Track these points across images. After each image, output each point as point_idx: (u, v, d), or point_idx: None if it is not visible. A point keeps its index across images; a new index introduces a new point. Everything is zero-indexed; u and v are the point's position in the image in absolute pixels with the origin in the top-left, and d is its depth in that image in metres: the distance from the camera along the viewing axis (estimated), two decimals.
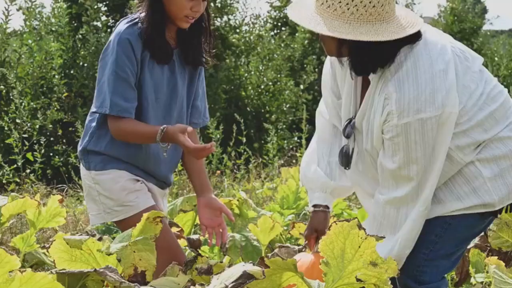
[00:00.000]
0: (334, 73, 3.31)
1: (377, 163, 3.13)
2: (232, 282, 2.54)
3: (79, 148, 3.74)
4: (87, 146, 3.67)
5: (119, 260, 3.02)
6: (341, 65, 3.18)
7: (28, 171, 8.02)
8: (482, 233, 4.26)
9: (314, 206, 3.44)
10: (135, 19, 3.57)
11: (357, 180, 3.31)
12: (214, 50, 3.77)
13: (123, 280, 2.77)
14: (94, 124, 3.69)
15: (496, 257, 3.36)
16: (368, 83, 3.10)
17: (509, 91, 9.67)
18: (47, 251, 4.27)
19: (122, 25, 3.57)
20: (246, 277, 2.57)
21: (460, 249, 3.24)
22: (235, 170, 9.25)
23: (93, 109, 3.61)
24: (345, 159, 3.25)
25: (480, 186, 3.08)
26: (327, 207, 3.44)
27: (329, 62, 3.34)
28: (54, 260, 3.27)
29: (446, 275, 3.47)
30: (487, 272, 3.80)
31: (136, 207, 3.61)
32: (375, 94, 3.04)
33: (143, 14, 3.55)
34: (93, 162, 3.66)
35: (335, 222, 2.75)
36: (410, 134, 2.93)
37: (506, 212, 3.17)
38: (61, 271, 2.88)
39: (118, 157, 3.65)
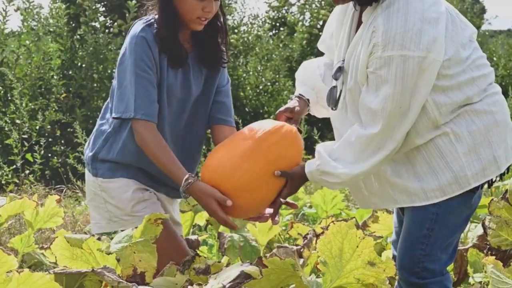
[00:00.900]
0: (333, 25, 3.43)
1: (356, 103, 3.17)
2: (230, 282, 2.54)
3: (87, 153, 3.63)
4: (99, 153, 3.57)
5: (118, 260, 3.01)
6: (342, 4, 3.25)
7: (27, 172, 8.02)
8: (481, 232, 4.28)
9: (299, 94, 3.55)
10: (150, 19, 3.48)
11: (337, 125, 3.35)
12: (230, 50, 3.72)
13: (121, 280, 2.76)
14: (107, 129, 3.58)
15: (495, 256, 3.37)
16: None
17: (508, 91, 9.61)
18: (46, 252, 4.27)
19: (137, 26, 3.47)
20: (244, 277, 2.57)
21: (455, 238, 3.25)
22: None
23: (115, 114, 3.46)
24: (333, 99, 3.30)
25: (455, 160, 3.10)
26: (309, 100, 3.54)
27: (334, 15, 3.45)
28: (55, 259, 3.27)
29: (448, 268, 3.50)
30: (485, 271, 3.80)
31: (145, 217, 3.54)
32: (364, 29, 3.10)
33: (157, 16, 3.47)
34: (101, 169, 3.57)
35: (333, 222, 2.75)
36: (391, 68, 2.96)
37: (481, 188, 3.18)
38: (59, 271, 2.88)
39: (129, 163, 3.55)
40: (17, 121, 8.64)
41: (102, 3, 12.71)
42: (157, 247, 3.42)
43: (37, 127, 9.06)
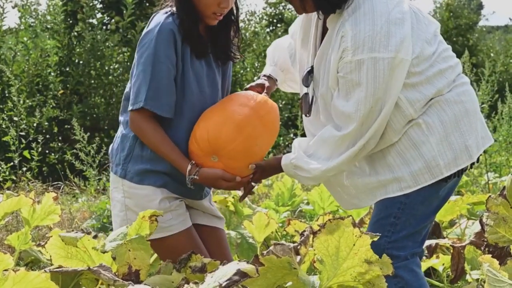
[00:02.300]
0: (298, 33, 3.52)
1: (329, 108, 3.22)
2: (226, 281, 2.53)
3: (118, 153, 3.53)
4: (132, 151, 3.48)
5: (114, 258, 3.01)
6: (306, 13, 3.30)
7: (24, 169, 8.00)
8: (479, 229, 4.28)
9: (268, 74, 3.72)
10: (170, 11, 3.44)
11: (311, 128, 3.41)
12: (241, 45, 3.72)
13: (116, 279, 2.76)
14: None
15: (492, 254, 3.36)
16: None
17: (505, 87, 9.58)
18: (43, 249, 4.26)
19: (160, 16, 3.42)
20: (240, 275, 2.56)
21: (424, 227, 3.27)
22: None
23: (130, 107, 3.41)
24: (306, 106, 3.37)
25: (427, 150, 3.14)
26: (277, 79, 3.72)
27: (298, 22, 3.54)
28: (50, 258, 3.26)
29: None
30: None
31: (169, 229, 3.47)
32: (333, 36, 3.14)
33: (174, 9, 3.43)
34: (131, 171, 3.46)
35: (329, 220, 2.75)
36: (362, 71, 3.01)
37: (455, 177, 3.21)
38: (55, 270, 2.87)
39: (159, 168, 3.46)
40: (15, 118, 8.61)
41: (100, 0, 12.70)
42: (178, 254, 3.42)
43: (35, 124, 9.05)
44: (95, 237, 3.29)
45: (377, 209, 3.29)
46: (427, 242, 4.51)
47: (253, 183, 3.49)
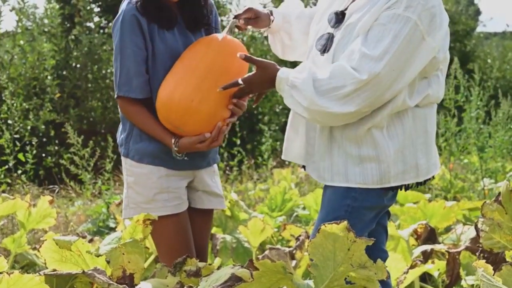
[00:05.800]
0: None
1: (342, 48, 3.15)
2: (221, 285, 2.53)
3: (121, 135, 3.63)
4: (132, 130, 3.57)
5: (108, 262, 3.01)
6: None
7: (19, 171, 7.99)
8: (474, 235, 4.28)
9: (271, 11, 3.62)
10: None
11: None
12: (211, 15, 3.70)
13: (111, 282, 2.75)
14: None
15: (487, 259, 3.36)
16: None
17: (503, 92, 9.55)
18: (38, 252, 4.26)
19: (124, 4, 3.49)
20: (235, 279, 2.57)
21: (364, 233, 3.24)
22: (227, 172, 9.25)
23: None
24: (326, 42, 3.25)
25: (385, 156, 3.10)
26: (273, 22, 3.61)
27: None
28: (45, 261, 3.26)
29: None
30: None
31: (162, 210, 3.51)
32: None
33: None
34: (133, 150, 3.55)
35: (324, 224, 2.75)
36: (404, 28, 2.97)
37: (395, 190, 3.20)
38: (49, 273, 2.87)
39: (156, 146, 3.53)
40: (9, 121, 8.61)
41: (97, 4, 12.71)
42: (163, 241, 3.50)
43: (29, 127, 9.04)
44: (90, 240, 3.29)
45: (324, 211, 3.24)
46: (423, 248, 4.52)
47: (239, 81, 3.39)
